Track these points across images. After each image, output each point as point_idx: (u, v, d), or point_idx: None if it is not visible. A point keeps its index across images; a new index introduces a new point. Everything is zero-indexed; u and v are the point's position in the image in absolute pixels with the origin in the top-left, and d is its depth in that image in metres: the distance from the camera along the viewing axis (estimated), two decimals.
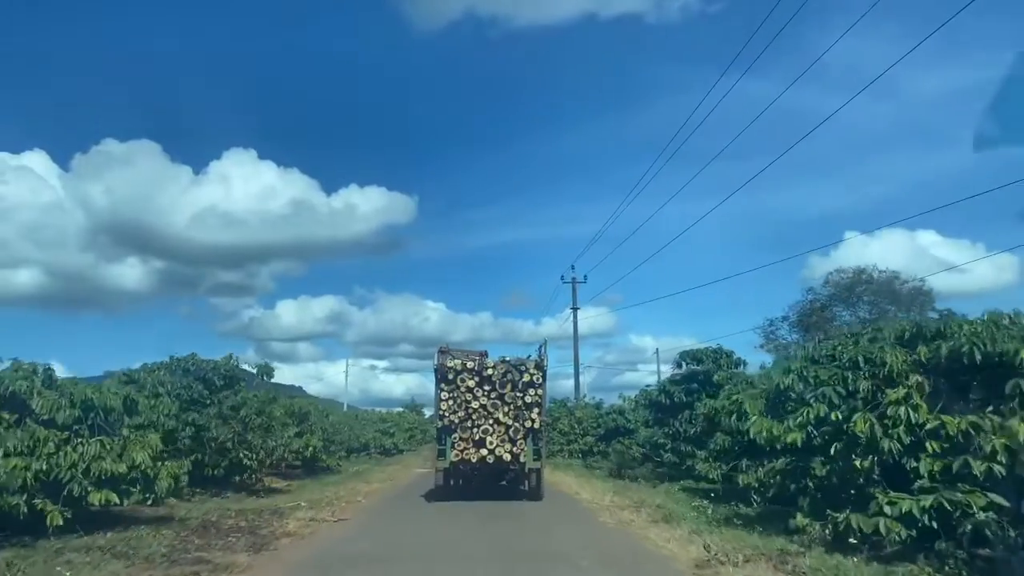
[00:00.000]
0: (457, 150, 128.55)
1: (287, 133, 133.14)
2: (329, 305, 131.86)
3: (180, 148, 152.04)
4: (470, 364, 15.90)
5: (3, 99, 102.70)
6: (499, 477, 17.12)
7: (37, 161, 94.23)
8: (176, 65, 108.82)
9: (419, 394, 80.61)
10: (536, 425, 15.58)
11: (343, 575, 8.37)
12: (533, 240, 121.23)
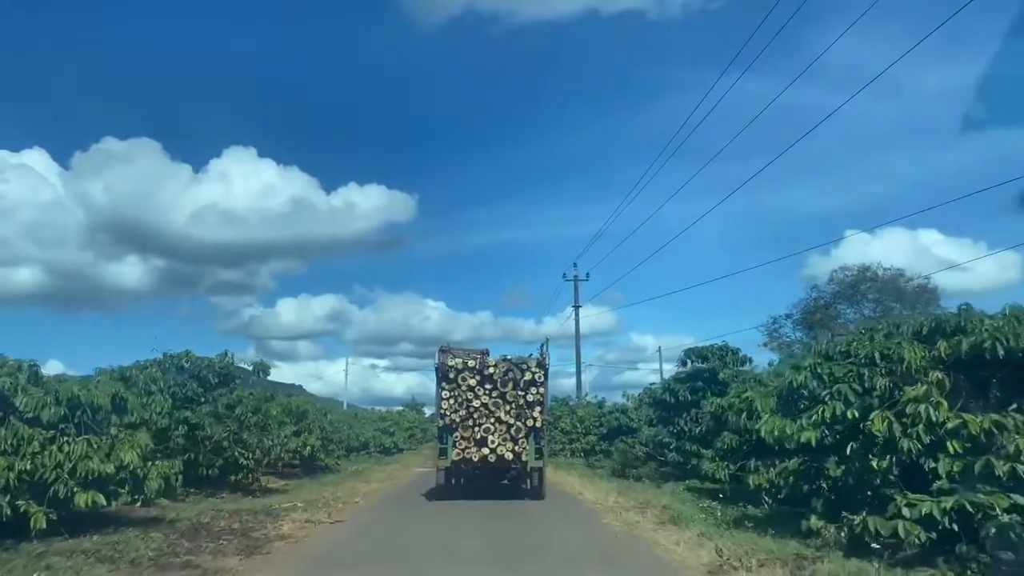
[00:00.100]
0: (458, 148, 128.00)
1: (287, 131, 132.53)
2: (329, 303, 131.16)
3: (180, 146, 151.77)
4: (471, 363, 15.73)
5: (3, 97, 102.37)
6: (501, 476, 16.96)
7: (37, 159, 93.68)
8: (176, 63, 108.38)
9: (419, 393, 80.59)
10: (538, 424, 15.41)
11: None
12: (534, 239, 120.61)
